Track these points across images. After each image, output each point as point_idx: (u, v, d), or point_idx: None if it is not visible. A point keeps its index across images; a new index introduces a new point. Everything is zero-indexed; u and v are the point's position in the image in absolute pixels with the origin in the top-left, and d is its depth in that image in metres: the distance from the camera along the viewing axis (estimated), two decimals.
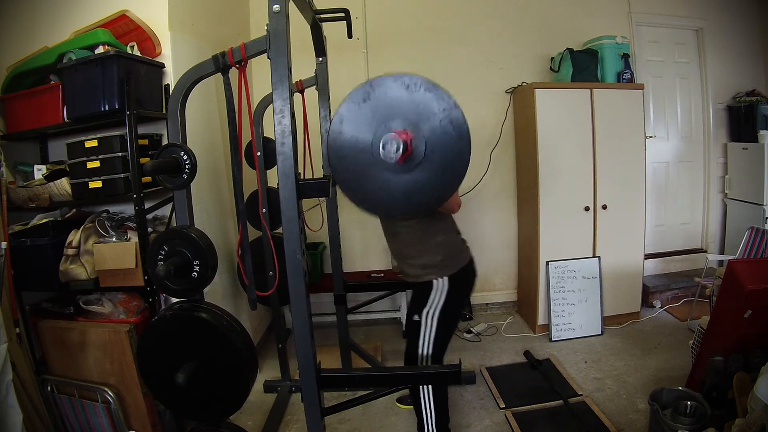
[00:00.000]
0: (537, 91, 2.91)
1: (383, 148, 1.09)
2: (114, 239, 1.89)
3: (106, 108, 1.81)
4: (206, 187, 2.34)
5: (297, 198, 1.28)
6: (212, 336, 1.42)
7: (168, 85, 2.05)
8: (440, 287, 1.76)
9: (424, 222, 1.76)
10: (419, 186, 1.30)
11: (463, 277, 1.82)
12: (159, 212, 2.09)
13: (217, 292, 2.28)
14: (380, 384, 1.80)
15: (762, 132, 3.32)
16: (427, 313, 1.76)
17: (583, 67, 3.02)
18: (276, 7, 1.21)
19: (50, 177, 1.92)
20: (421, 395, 1.82)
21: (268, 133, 1.70)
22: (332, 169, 1.35)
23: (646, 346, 2.83)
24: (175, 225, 1.53)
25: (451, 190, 1.36)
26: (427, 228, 1.77)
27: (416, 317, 1.78)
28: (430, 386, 1.80)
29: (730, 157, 3.65)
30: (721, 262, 3.10)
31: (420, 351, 1.77)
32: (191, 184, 1.48)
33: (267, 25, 1.23)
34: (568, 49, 3.07)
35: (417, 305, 1.80)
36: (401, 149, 1.10)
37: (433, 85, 1.25)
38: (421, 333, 1.77)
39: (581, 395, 2.34)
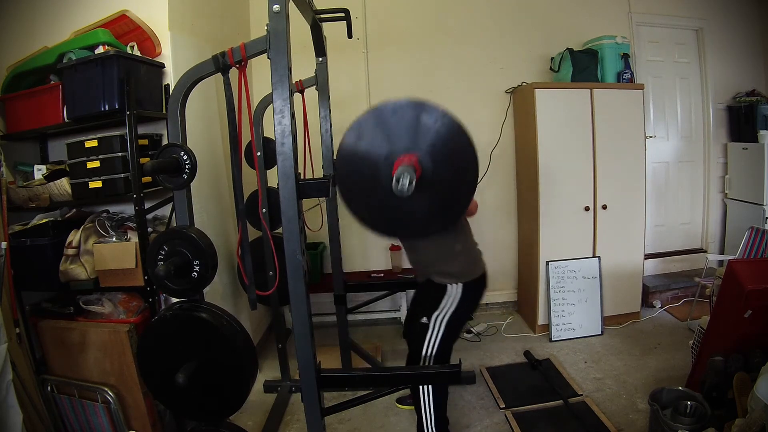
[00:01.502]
0: (537, 91, 2.91)
1: (397, 182, 1.05)
2: (114, 239, 1.89)
3: (106, 108, 1.81)
4: (206, 187, 2.34)
5: (297, 198, 1.28)
6: (212, 336, 1.42)
7: (168, 85, 2.05)
8: (454, 293, 1.77)
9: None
10: (434, 204, 1.27)
11: (476, 287, 1.84)
12: (159, 212, 2.09)
13: (217, 292, 2.28)
14: (380, 384, 1.80)
15: (762, 132, 3.31)
16: (437, 316, 1.77)
17: (583, 67, 3.01)
18: (276, 7, 1.21)
19: (50, 177, 1.92)
20: (421, 395, 1.82)
21: (268, 133, 1.70)
22: (339, 183, 1.34)
23: (646, 346, 2.83)
24: (175, 225, 1.53)
25: (467, 198, 1.33)
26: (446, 236, 1.77)
27: (425, 320, 1.79)
28: (430, 387, 1.81)
29: (730, 157, 3.64)
30: (721, 262, 3.10)
31: (424, 352, 1.78)
32: (191, 184, 1.48)
33: (267, 25, 1.23)
34: (568, 49, 3.07)
35: (426, 308, 1.80)
36: (414, 181, 1.05)
37: (418, 102, 1.23)
38: (428, 335, 1.77)
39: (581, 395, 2.34)
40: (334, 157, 1.29)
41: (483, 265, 1.89)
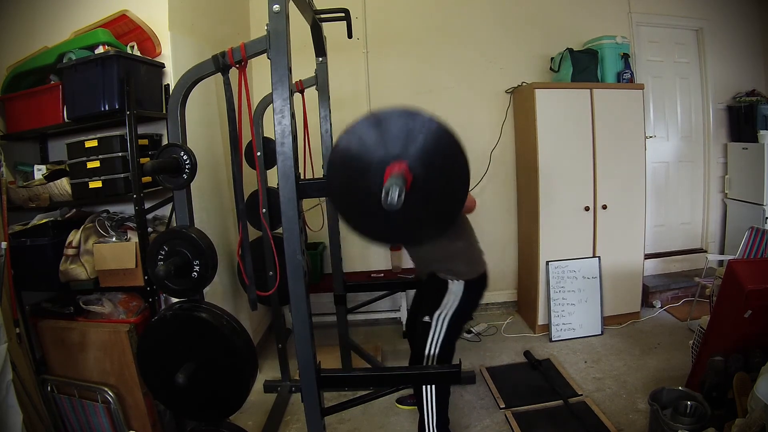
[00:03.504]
0: (537, 91, 2.91)
1: (386, 195, 1.02)
2: (114, 239, 1.89)
3: (106, 108, 1.81)
4: (206, 187, 2.34)
5: (297, 198, 1.28)
6: (212, 336, 1.42)
7: (168, 85, 2.05)
8: (455, 290, 1.77)
9: None
10: (429, 208, 1.25)
11: (478, 285, 1.84)
12: (159, 212, 2.09)
13: (217, 292, 2.28)
14: (380, 384, 1.80)
15: (762, 132, 3.32)
16: (439, 315, 1.77)
17: (583, 67, 3.02)
18: (276, 7, 1.21)
19: (50, 177, 1.92)
20: (424, 395, 1.82)
21: (268, 133, 1.70)
22: (331, 192, 1.31)
23: (646, 346, 2.83)
24: (175, 225, 1.53)
25: (461, 199, 1.29)
26: (448, 234, 1.77)
27: (427, 318, 1.79)
28: (433, 386, 1.81)
29: (730, 157, 3.65)
30: (721, 262, 3.10)
31: (427, 351, 1.78)
32: (191, 184, 1.48)
33: (267, 25, 1.23)
34: (568, 49, 3.07)
35: (428, 307, 1.81)
36: (403, 194, 1.02)
37: (406, 109, 1.20)
38: (431, 334, 1.78)
39: (581, 395, 2.34)
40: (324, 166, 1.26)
41: (484, 264, 1.90)
